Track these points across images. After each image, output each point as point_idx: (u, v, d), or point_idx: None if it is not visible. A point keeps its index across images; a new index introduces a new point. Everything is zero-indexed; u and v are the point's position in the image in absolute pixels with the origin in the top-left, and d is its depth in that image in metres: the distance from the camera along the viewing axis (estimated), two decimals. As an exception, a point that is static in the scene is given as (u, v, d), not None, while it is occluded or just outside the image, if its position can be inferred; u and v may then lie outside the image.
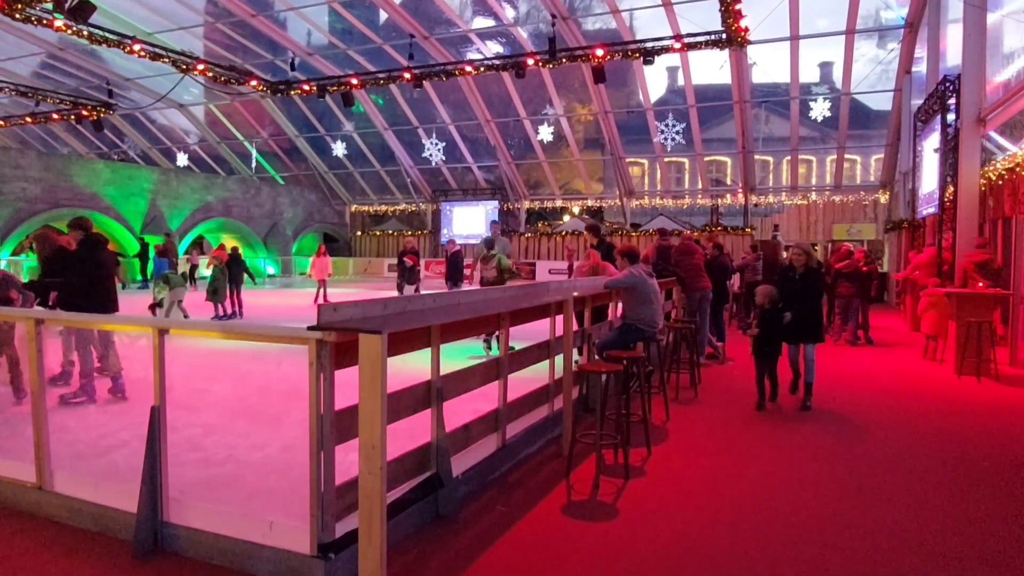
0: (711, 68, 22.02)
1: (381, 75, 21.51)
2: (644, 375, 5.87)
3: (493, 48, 22.78)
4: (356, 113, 27.83)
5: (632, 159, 27.72)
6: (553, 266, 26.00)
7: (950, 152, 12.90)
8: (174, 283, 11.93)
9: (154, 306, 12.41)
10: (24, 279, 17.85)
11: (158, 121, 30.53)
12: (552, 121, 24.69)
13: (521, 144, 27.12)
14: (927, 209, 15.25)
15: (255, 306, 16.69)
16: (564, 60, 19.25)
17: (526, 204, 28.75)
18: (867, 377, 8.58)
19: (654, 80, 29.82)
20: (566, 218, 30.84)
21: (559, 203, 28.76)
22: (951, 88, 12.92)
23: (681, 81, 26.37)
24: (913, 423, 6.32)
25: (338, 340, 3.16)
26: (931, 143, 14.42)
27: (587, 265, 8.09)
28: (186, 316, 12.21)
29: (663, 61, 20.41)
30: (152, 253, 20.97)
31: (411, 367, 4.02)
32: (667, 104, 26.02)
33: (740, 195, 25.31)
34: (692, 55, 20.03)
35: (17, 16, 16.04)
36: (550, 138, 24.54)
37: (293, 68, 21.86)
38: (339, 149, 28.05)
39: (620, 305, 7.09)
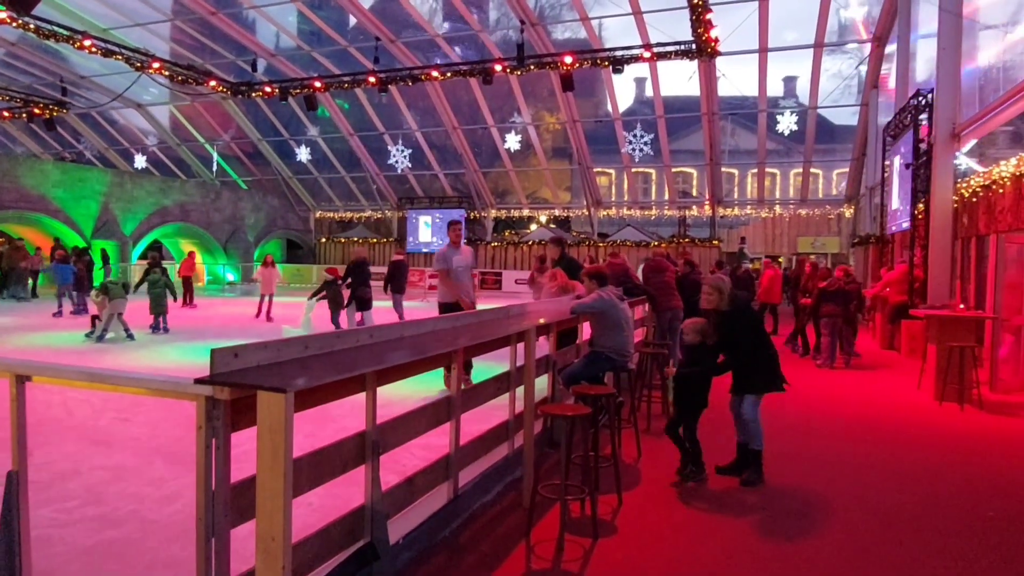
0: (679, 79, 21.80)
1: (346, 78, 20.83)
2: (613, 408, 5.34)
3: (462, 54, 22.26)
4: (321, 118, 27.09)
5: (600, 169, 27.42)
6: (520, 276, 25.48)
7: (922, 168, 12.69)
8: (113, 294, 11.11)
9: (95, 318, 11.56)
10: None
11: (116, 122, 29.39)
12: (520, 129, 24.23)
13: (488, 152, 26.61)
14: (899, 224, 15.06)
15: (206, 316, 15.89)
16: (532, 67, 18.82)
17: (493, 213, 28.22)
18: (845, 404, 8.17)
19: (622, 91, 29.60)
20: (533, 227, 30.38)
21: (526, 212, 28.29)
22: (923, 102, 12.73)
23: (649, 92, 26.18)
24: (900, 460, 5.88)
25: (235, 397, 2.57)
26: (902, 158, 14.22)
27: (555, 286, 7.55)
28: (127, 331, 11.42)
29: (631, 72, 20.16)
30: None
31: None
32: (635, 114, 25.75)
33: (707, 207, 25.09)
34: (661, 66, 19.75)
35: (-47, 7, 15.05)
36: (517, 146, 24.08)
37: (254, 69, 21.09)
38: (303, 154, 27.25)
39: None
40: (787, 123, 20.72)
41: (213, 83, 21.02)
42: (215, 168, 29.56)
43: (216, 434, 2.59)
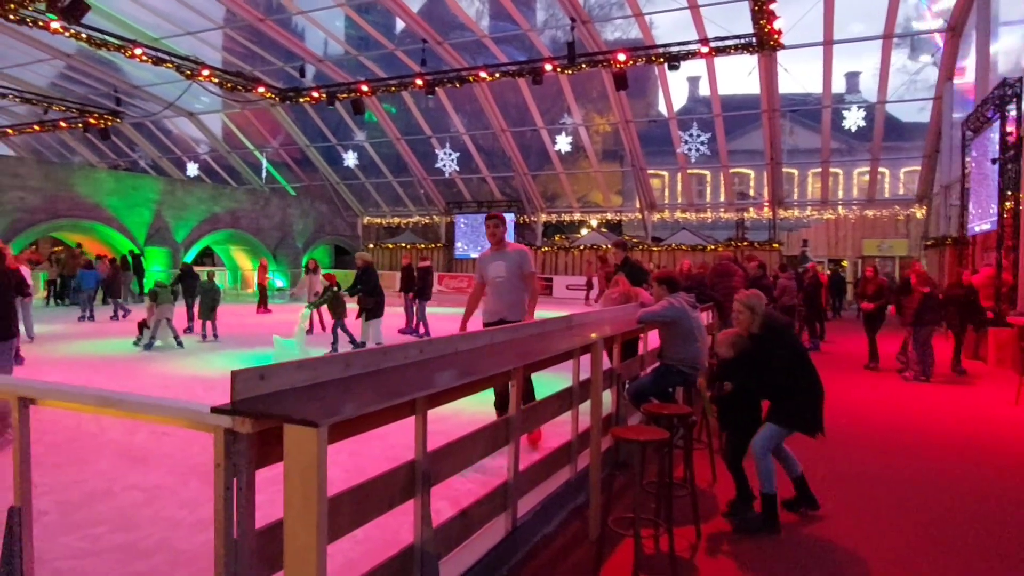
0: (735, 77, 20.99)
1: (392, 81, 20.63)
2: (687, 429, 4.77)
3: (510, 54, 21.86)
4: (368, 123, 27.07)
5: (652, 171, 26.66)
6: (571, 281, 24.90)
7: (1009, 162, 11.72)
8: (161, 299, 10.95)
9: (143, 324, 11.43)
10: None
11: (170, 131, 29.93)
12: (570, 131, 23.68)
13: (537, 155, 26.14)
14: (980, 225, 14.01)
15: (257, 323, 15.74)
16: (584, 65, 18.28)
17: (543, 217, 27.70)
18: (939, 420, 7.39)
19: (674, 91, 28.74)
20: (584, 231, 29.75)
21: (577, 216, 27.68)
22: (1010, 92, 11.76)
23: (703, 90, 25.43)
24: (1016, 488, 5.14)
25: (260, 429, 2.12)
26: (986, 153, 13.21)
27: (617, 293, 6.99)
28: (176, 338, 11.27)
29: (683, 71, 19.52)
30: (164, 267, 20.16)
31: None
32: (690, 114, 24.91)
33: (766, 209, 24.10)
34: (718, 62, 18.99)
35: (11, 17, 15.35)
36: (568, 148, 23.52)
37: (302, 74, 21.06)
38: (351, 159, 27.24)
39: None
40: (854, 119, 19.68)
41: (261, 89, 21.10)
42: (264, 175, 29.83)
43: (238, 473, 2.15)
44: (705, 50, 16.68)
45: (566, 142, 23.31)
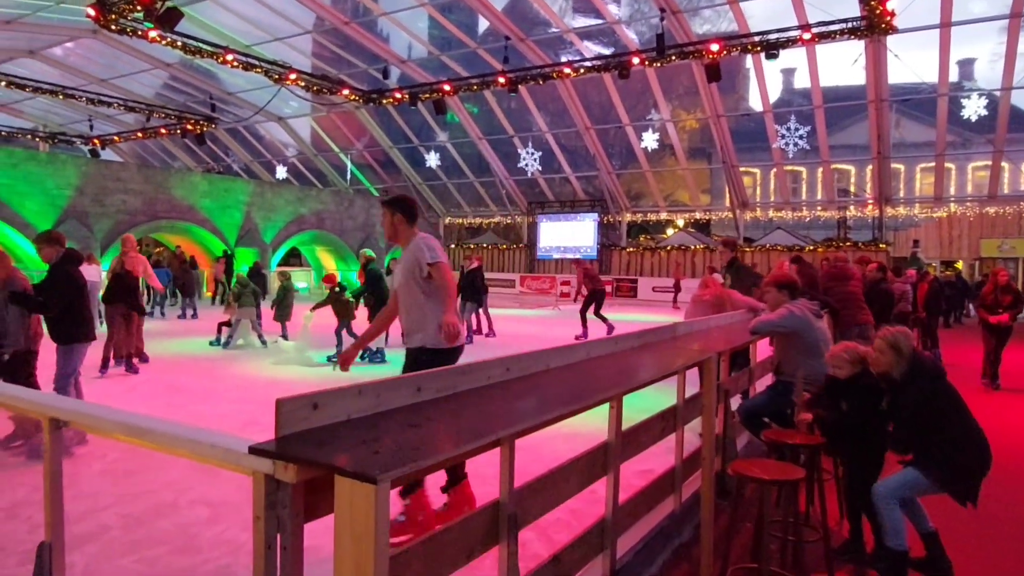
0: (834, 68, 19.59)
1: (474, 80, 20.35)
2: (817, 462, 4.06)
3: (594, 49, 21.20)
4: (451, 123, 27.00)
5: (744, 168, 25.38)
6: (657, 283, 24.00)
7: None
8: (243, 300, 10.88)
9: (224, 324, 11.46)
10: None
11: (261, 136, 30.83)
12: (657, 127, 22.78)
13: (622, 153, 25.35)
14: None
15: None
16: (673, 57, 17.42)
17: (627, 217, 26.86)
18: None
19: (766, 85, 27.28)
20: (670, 231, 28.70)
21: (663, 216, 26.69)
22: None
23: (799, 82, 23.97)
24: None
25: (305, 478, 1.66)
26: None
27: (709, 295, 6.30)
28: (261, 338, 11.22)
29: (775, 64, 18.43)
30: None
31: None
32: (786, 107, 23.52)
33: (870, 206, 22.46)
34: (817, 51, 17.77)
35: (113, 28, 15.90)
36: (655, 145, 22.64)
37: (385, 76, 21.11)
38: (433, 160, 27.23)
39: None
40: (974, 108, 17.98)
41: (346, 92, 21.27)
42: (349, 177, 30.27)
43: (282, 528, 1.70)
44: (807, 36, 15.53)
45: (652, 139, 22.45)
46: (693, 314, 6.38)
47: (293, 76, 19.58)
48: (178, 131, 25.87)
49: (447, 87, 20.54)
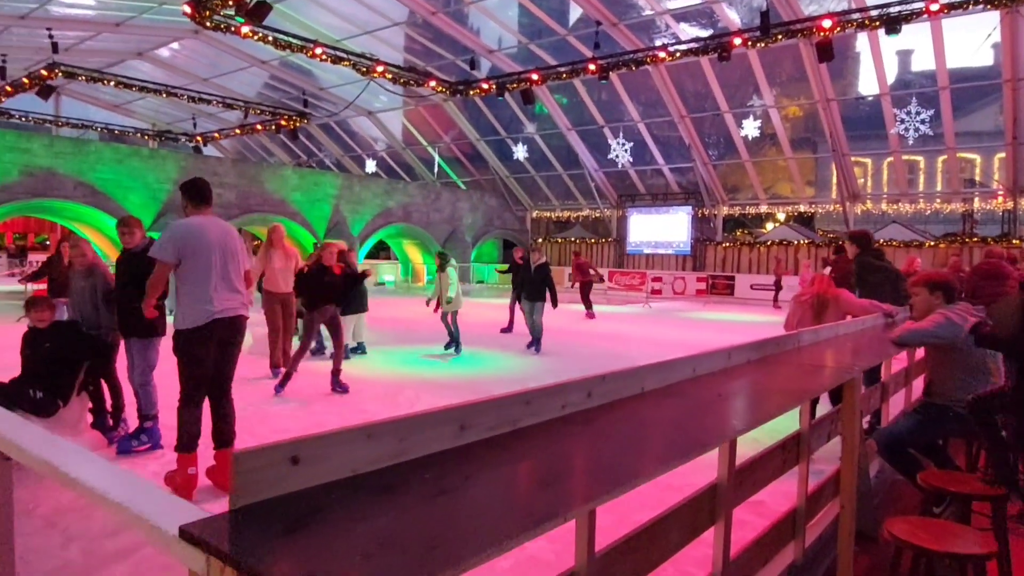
0: (960, 49, 17.64)
1: (563, 68, 19.62)
2: (1001, 510, 3.15)
3: (691, 32, 20.01)
4: (539, 115, 26.38)
5: (854, 157, 23.46)
6: (756, 280, 22.54)
7: None
8: None
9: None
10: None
11: (352, 132, 31.22)
12: (759, 114, 21.33)
13: (719, 143, 23.96)
14: None
15: (434, 321, 15.38)
16: (780, 37, 16.10)
17: (724, 210, 25.43)
18: None
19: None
20: (769, 226, 26.99)
21: (764, 209, 25.08)
22: None
23: (918, 65, 21.89)
24: None
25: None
26: None
27: (808, 293, 5.37)
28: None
29: (892, 44, 16.82)
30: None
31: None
32: (908, 88, 21.50)
33: (1000, 198, 20.22)
34: (946, 24, 16.03)
35: (208, 24, 16.15)
36: (756, 134, 21.19)
37: (473, 67, 20.71)
38: (520, 152, 26.68)
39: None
40: None
41: (433, 83, 21.00)
42: (436, 170, 30.19)
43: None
44: (935, 7, 13.92)
45: (754, 127, 21.02)
46: (796, 316, 5.49)
47: (380, 68, 19.45)
48: (273, 127, 26.46)
49: (535, 76, 19.90)
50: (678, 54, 17.75)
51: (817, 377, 2.94)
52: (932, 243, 20.22)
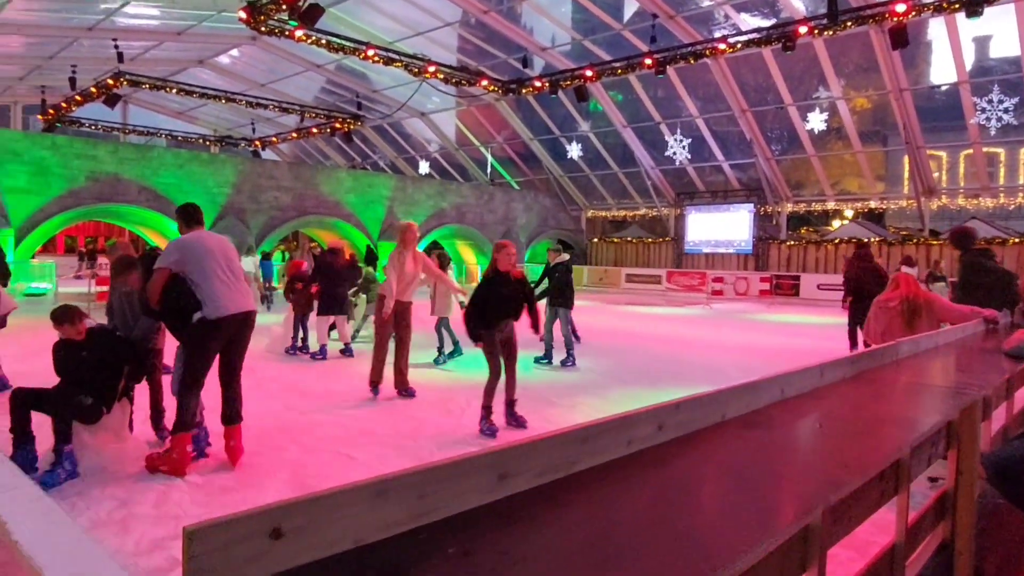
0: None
1: (618, 64, 19.11)
2: None
3: (752, 23, 19.24)
4: (593, 112, 25.90)
5: (929, 149, 22.21)
6: (823, 280, 21.53)
7: None
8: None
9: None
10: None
11: (407, 134, 31.33)
12: (826, 106, 20.36)
13: (784, 137, 23.01)
14: None
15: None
16: (849, 24, 15.26)
17: (787, 207, 24.43)
18: None
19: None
20: (836, 223, 25.81)
21: (830, 205, 23.98)
22: None
23: (996, 52, 20.57)
24: None
25: None
26: None
27: (898, 297, 4.81)
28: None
29: (966, 31, 15.74)
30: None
31: None
32: (988, 75, 20.21)
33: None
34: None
35: (263, 29, 16.29)
36: (822, 127, 20.23)
37: (525, 65, 20.40)
38: (574, 151, 26.23)
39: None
40: None
41: (485, 83, 20.78)
42: (489, 170, 30.00)
43: None
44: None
45: (820, 120, 20.06)
46: (880, 323, 4.93)
47: (432, 69, 19.33)
48: (328, 130, 26.73)
49: (589, 73, 19.46)
50: (739, 45, 17.05)
51: (931, 400, 2.49)
52: (1016, 240, 18.92)
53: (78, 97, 22.57)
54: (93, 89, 21.70)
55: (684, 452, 1.65)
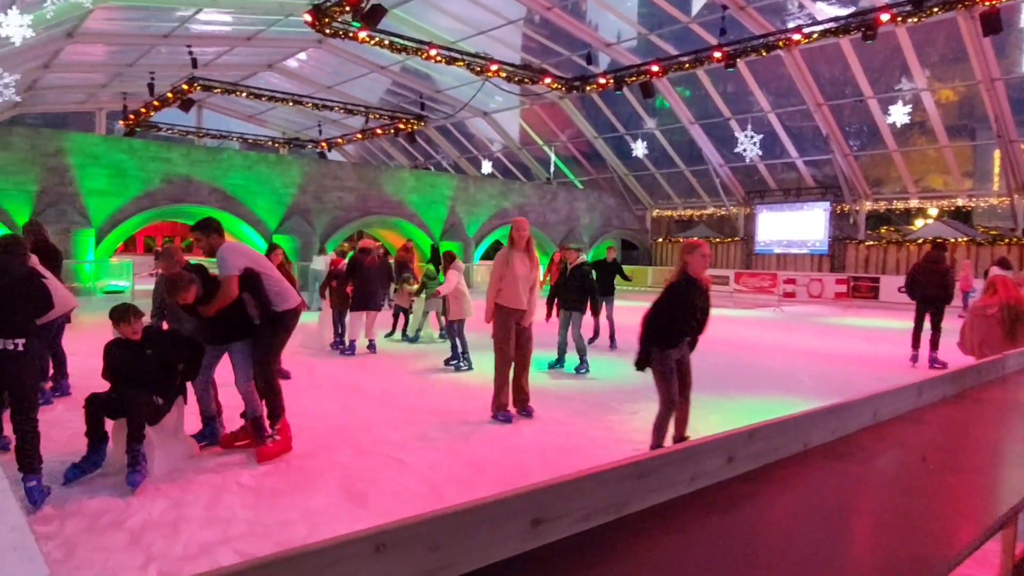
0: None
1: (685, 58, 18.55)
2: None
3: (828, 12, 18.35)
4: (660, 109, 25.31)
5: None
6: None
7: None
8: (431, 290, 10.06)
9: (398, 314, 11.07)
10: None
11: (470, 134, 31.40)
12: (909, 99, 19.25)
13: (863, 131, 21.91)
14: None
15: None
16: (935, 10, 14.35)
17: (867, 205, 23.26)
18: None
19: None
20: (919, 222, 24.44)
21: (913, 203, 22.70)
22: None
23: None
24: None
25: None
26: None
27: (997, 303, 4.32)
28: (441, 332, 10.67)
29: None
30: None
31: None
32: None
33: None
34: None
35: (327, 32, 16.51)
36: (905, 120, 19.12)
37: (589, 61, 20.07)
38: (640, 149, 25.66)
39: None
40: None
41: (548, 80, 20.53)
42: (552, 169, 29.72)
43: None
44: None
45: (902, 113, 18.96)
46: (977, 333, 4.46)
47: (494, 67, 19.21)
48: (392, 131, 27.02)
49: (655, 68, 18.96)
50: (815, 35, 16.27)
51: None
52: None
53: (155, 102, 23.47)
54: (169, 94, 22.52)
55: (759, 490, 1.39)
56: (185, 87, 21.71)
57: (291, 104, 24.97)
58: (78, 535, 3.69)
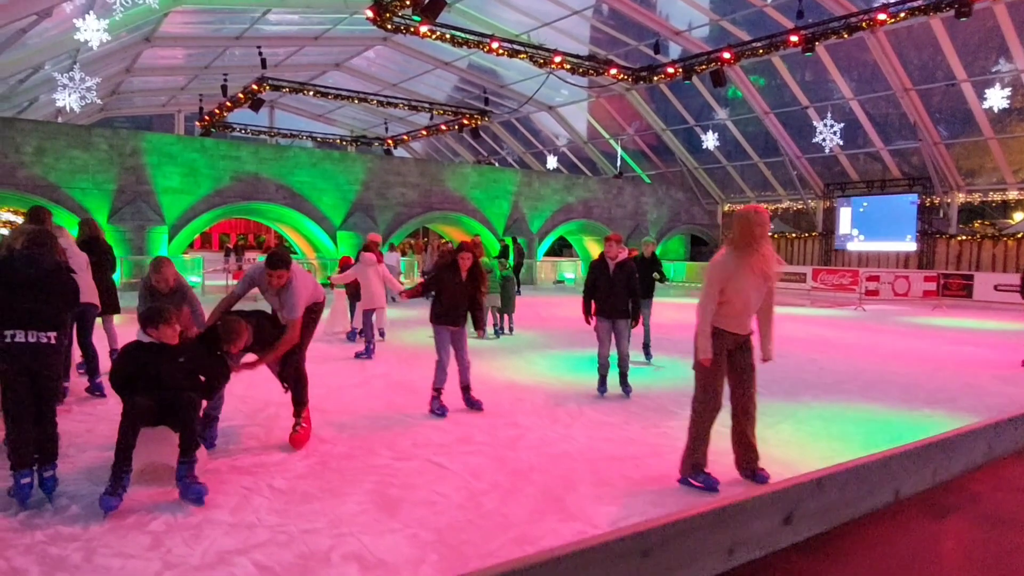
0: None
1: (758, 43, 17.65)
2: None
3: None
4: (732, 99, 24.32)
5: None
6: (1001, 280, 18.87)
7: None
8: (494, 287, 9.97)
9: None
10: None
11: (536, 129, 31.09)
12: (1008, 81, 17.76)
13: (955, 118, 20.40)
14: None
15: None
16: (1041, -20, 13.08)
17: (959, 197, 21.68)
18: None
19: None
20: (1018, 216, 22.64)
21: (1012, 195, 21.00)
22: None
23: None
24: None
25: None
26: None
27: None
28: (496, 327, 10.41)
29: None
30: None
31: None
32: None
33: None
34: None
35: (389, 27, 16.44)
36: (1004, 104, 17.63)
37: (657, 51, 19.38)
38: (710, 141, 24.72)
39: None
40: None
41: (614, 71, 19.94)
42: (619, 163, 29.03)
43: None
44: None
45: (1000, 97, 17.48)
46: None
47: (558, 60, 18.78)
48: (456, 127, 26.96)
49: (727, 55, 18.12)
50: (902, 15, 15.15)
51: None
52: None
53: (228, 103, 24.10)
54: (240, 95, 23.07)
55: (831, 567, 0.96)
56: (255, 87, 22.18)
57: (357, 102, 25.22)
58: (101, 536, 3.59)
